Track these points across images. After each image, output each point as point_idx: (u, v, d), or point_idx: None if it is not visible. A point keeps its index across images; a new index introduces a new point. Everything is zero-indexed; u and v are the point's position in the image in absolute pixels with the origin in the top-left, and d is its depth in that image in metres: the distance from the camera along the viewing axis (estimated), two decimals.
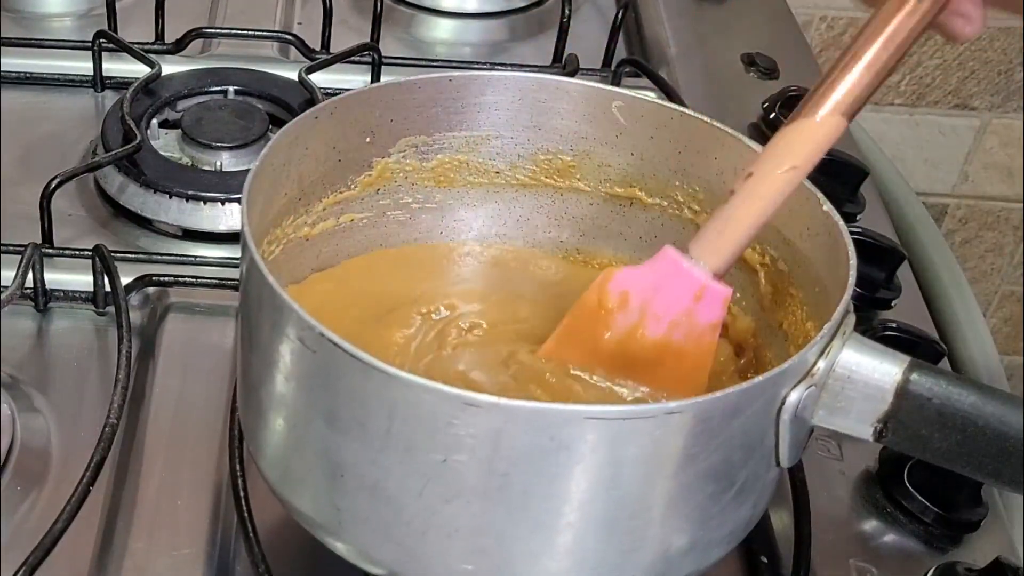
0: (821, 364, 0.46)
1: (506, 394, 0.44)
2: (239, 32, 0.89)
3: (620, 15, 0.91)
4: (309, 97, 0.81)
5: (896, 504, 0.61)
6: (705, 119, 0.55)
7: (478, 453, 0.43)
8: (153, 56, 0.84)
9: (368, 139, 0.56)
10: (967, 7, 0.49)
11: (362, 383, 0.43)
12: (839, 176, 0.79)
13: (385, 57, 0.86)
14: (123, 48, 0.85)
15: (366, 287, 0.58)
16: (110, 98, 0.85)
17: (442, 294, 0.59)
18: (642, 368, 0.51)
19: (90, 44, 0.85)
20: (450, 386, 0.42)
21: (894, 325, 0.69)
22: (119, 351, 0.62)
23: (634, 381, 0.51)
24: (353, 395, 0.44)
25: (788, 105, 0.86)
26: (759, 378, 0.44)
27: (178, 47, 0.87)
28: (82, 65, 0.86)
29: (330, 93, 0.81)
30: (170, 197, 0.74)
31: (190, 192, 0.74)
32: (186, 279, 0.69)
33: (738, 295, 0.56)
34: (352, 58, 0.86)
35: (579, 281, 0.60)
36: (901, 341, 0.67)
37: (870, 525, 0.61)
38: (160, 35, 0.89)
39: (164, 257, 0.71)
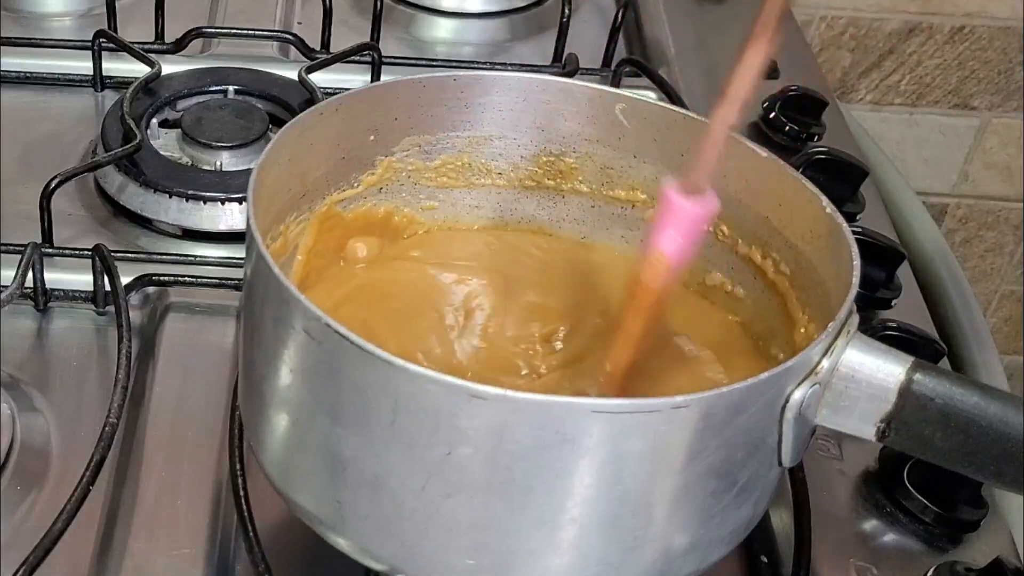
0: (825, 363, 0.46)
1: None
2: (239, 32, 0.89)
3: (620, 15, 0.91)
4: (309, 97, 0.81)
5: (896, 504, 0.61)
6: (708, 122, 0.55)
7: (482, 446, 0.43)
8: (153, 56, 0.84)
9: (372, 137, 0.56)
10: None
11: (367, 374, 0.43)
12: (839, 176, 0.79)
13: (385, 57, 0.86)
14: (123, 48, 0.85)
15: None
16: (110, 98, 0.85)
17: (442, 294, 0.59)
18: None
19: (90, 44, 0.85)
20: (455, 377, 0.42)
21: (894, 325, 0.69)
22: (119, 351, 0.62)
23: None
24: (357, 387, 0.44)
25: (788, 105, 0.86)
26: (764, 375, 0.44)
27: (178, 47, 0.87)
28: (82, 65, 0.86)
29: (330, 93, 0.80)
30: (170, 197, 0.74)
31: (190, 192, 0.74)
32: (186, 279, 0.69)
33: (741, 291, 0.57)
34: (352, 58, 0.86)
35: (579, 281, 0.60)
36: (901, 341, 0.67)
37: (870, 525, 0.61)
38: (160, 35, 0.89)
39: (164, 257, 0.71)
